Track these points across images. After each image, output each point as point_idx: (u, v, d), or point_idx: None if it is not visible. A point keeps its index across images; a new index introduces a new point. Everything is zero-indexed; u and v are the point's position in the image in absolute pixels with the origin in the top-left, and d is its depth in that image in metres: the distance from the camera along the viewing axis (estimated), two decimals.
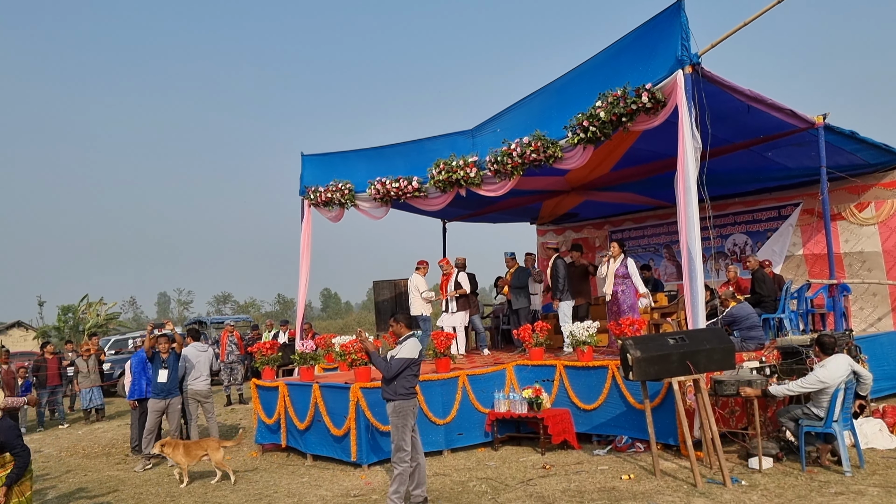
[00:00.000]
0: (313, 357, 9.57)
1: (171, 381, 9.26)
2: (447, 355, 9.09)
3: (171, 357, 9.29)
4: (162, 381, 9.24)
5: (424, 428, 7.84)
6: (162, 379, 9.24)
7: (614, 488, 6.51)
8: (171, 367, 9.25)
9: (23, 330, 43.38)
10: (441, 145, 10.03)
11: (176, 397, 9.31)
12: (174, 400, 9.29)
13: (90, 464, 9.94)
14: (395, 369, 6.16)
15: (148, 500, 7.52)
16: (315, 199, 11.17)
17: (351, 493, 7.12)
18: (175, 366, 9.32)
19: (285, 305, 75.85)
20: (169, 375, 9.23)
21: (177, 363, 9.37)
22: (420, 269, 11.38)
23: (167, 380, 9.23)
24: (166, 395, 9.25)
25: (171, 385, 9.28)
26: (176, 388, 9.35)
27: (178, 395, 9.35)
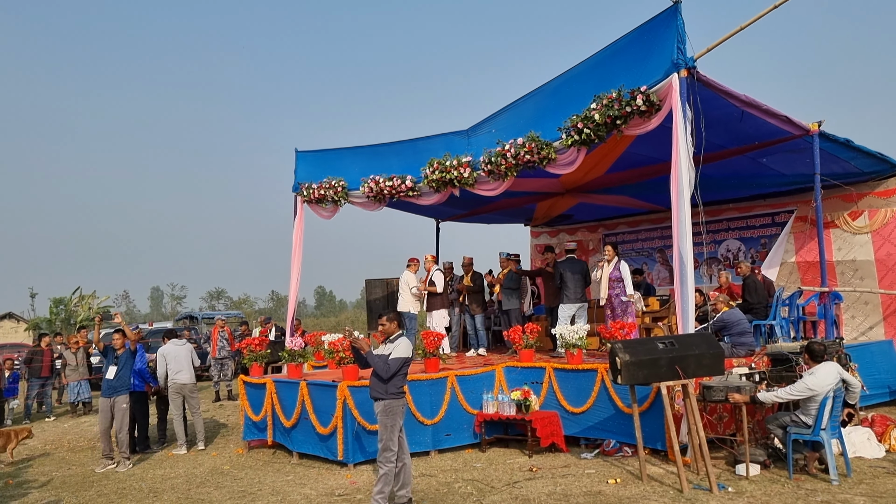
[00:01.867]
0: (302, 354, 9.51)
1: (118, 379, 8.86)
2: (436, 355, 9.04)
3: (125, 353, 8.91)
4: (109, 378, 8.85)
5: (412, 428, 7.78)
6: (109, 375, 8.85)
7: (600, 492, 6.47)
8: (121, 363, 8.87)
9: (14, 321, 43.13)
10: (436, 145, 9.98)
11: (122, 395, 8.87)
12: (119, 398, 8.85)
13: (75, 457, 9.86)
14: (394, 369, 6.11)
15: (130, 496, 7.45)
16: (308, 195, 11.11)
17: (335, 493, 7.07)
18: (127, 363, 8.94)
19: (279, 302, 75.70)
20: (117, 372, 8.83)
21: (129, 360, 8.99)
22: (411, 265, 11.36)
23: (114, 377, 8.84)
24: (112, 392, 8.85)
25: (119, 383, 8.87)
26: (125, 386, 8.93)
27: (124, 394, 8.89)
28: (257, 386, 9.52)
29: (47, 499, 7.47)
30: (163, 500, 7.21)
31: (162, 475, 8.36)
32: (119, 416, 8.84)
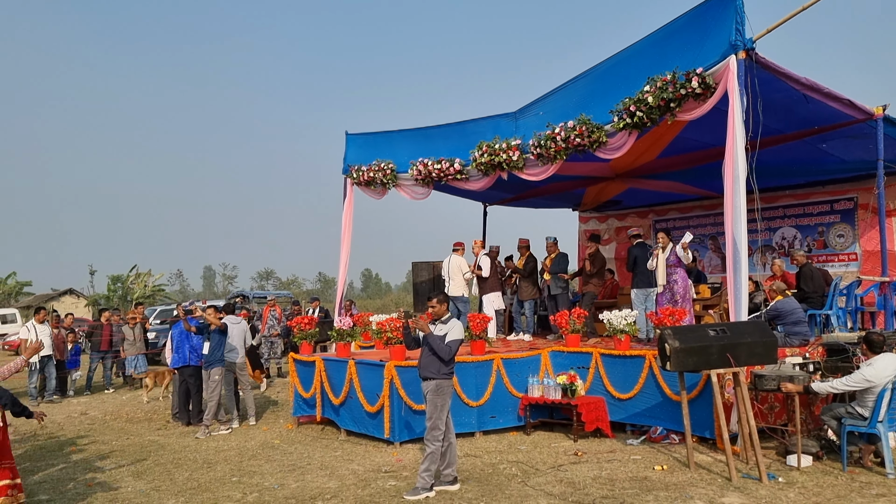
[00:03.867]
0: (350, 334, 9.67)
1: (211, 353, 9.50)
2: (483, 338, 9.09)
3: (216, 330, 9.53)
4: (204, 353, 9.57)
5: (457, 409, 7.85)
6: (204, 350, 9.56)
7: (646, 478, 6.44)
8: (214, 340, 9.51)
9: (74, 297, 44.88)
10: (484, 127, 9.96)
11: (215, 368, 9.50)
12: (213, 370, 9.48)
13: (133, 428, 10.26)
14: (454, 351, 6.22)
15: (185, 465, 7.73)
16: (358, 178, 11.22)
17: (382, 469, 7.20)
18: (221, 340, 9.57)
19: (326, 284, 76.85)
20: (211, 347, 9.50)
21: (221, 337, 9.59)
22: (458, 250, 11.39)
23: (208, 351, 9.51)
24: (206, 365, 9.52)
25: (212, 357, 9.50)
26: (217, 360, 9.54)
27: (217, 367, 9.53)
28: (307, 363, 9.73)
29: (108, 465, 7.80)
30: (216, 470, 7.46)
31: (215, 447, 8.64)
32: (211, 387, 9.43)
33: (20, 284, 46.85)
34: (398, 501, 6.02)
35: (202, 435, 9.27)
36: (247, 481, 6.95)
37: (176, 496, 6.48)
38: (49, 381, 13.15)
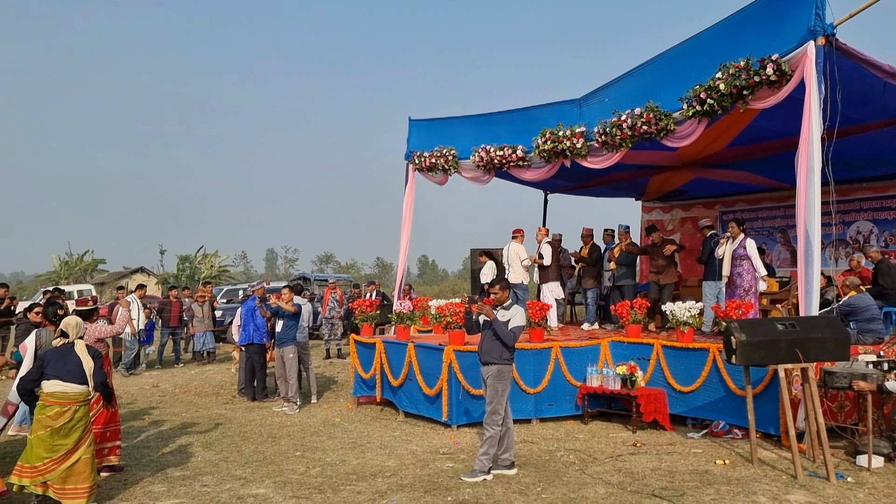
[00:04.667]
0: (410, 317, 9.80)
1: (284, 332, 9.81)
2: (542, 326, 9.08)
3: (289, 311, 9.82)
4: (277, 331, 9.87)
5: (514, 396, 7.87)
6: (278, 329, 9.86)
7: (708, 472, 6.35)
8: (287, 319, 9.80)
9: (145, 276, 46.68)
10: (547, 114, 9.88)
11: (288, 346, 9.78)
12: (286, 349, 9.76)
13: (201, 401, 10.68)
14: (518, 337, 6.29)
15: (251, 438, 8.02)
16: (420, 163, 11.31)
17: (440, 451, 7.31)
18: (292, 320, 9.84)
19: (384, 269, 77.68)
20: (284, 326, 9.81)
21: (294, 317, 9.85)
22: (517, 237, 11.37)
23: (281, 330, 9.81)
24: (280, 344, 9.81)
25: (285, 336, 9.81)
26: (290, 339, 9.83)
27: (290, 345, 9.81)
28: (367, 345, 9.92)
29: (179, 436, 8.16)
30: (280, 444, 7.72)
31: (279, 423, 8.93)
32: (287, 365, 9.71)
33: (95, 262, 49.02)
34: (456, 482, 6.11)
35: (290, 411, 9.56)
36: (310, 456, 7.17)
37: (243, 467, 6.74)
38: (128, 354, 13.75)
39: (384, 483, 6.14)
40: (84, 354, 5.52)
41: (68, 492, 5.33)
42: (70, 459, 5.36)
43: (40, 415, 5.40)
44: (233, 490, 5.98)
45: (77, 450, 5.39)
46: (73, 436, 5.39)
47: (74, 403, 5.42)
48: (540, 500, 5.63)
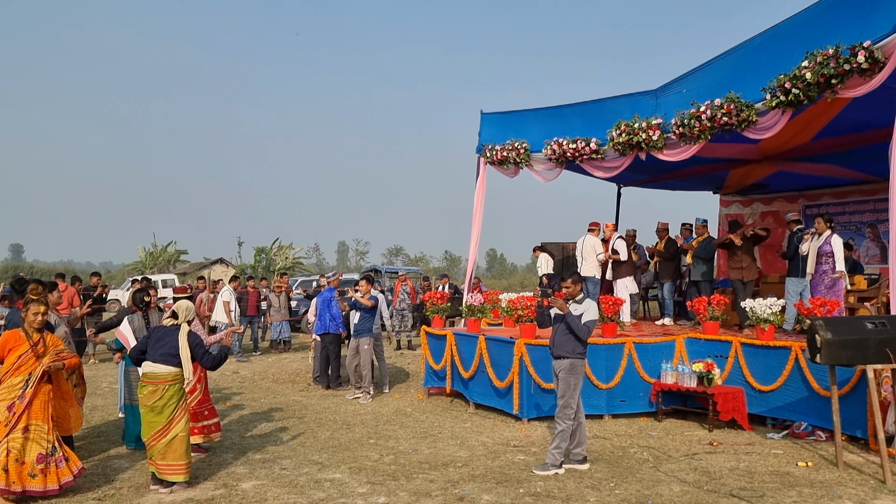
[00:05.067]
0: (481, 310, 9.85)
1: (360, 323, 10.01)
2: (614, 321, 8.97)
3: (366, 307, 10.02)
4: (354, 322, 10.09)
5: (586, 391, 7.81)
6: (354, 320, 10.08)
7: (789, 473, 6.15)
8: (363, 311, 10.00)
9: (224, 266, 48.50)
10: (622, 106, 9.70)
11: (364, 337, 9.96)
12: (362, 339, 9.95)
13: (278, 388, 11.05)
14: (591, 331, 6.29)
15: (327, 425, 8.26)
16: (491, 157, 11.30)
17: (511, 443, 7.35)
18: (369, 311, 10.01)
19: (452, 262, 78.02)
20: (360, 317, 10.00)
21: (370, 309, 10.01)
22: (594, 230, 11.25)
23: (357, 321, 10.02)
24: (356, 334, 10.02)
25: (362, 326, 9.99)
26: (366, 329, 10.01)
27: (366, 336, 9.98)
28: (438, 337, 10.03)
29: (259, 420, 8.48)
30: (354, 431, 7.92)
31: (353, 411, 9.16)
32: (362, 355, 9.93)
33: (178, 252, 51.25)
34: (527, 475, 6.14)
35: (364, 400, 9.78)
36: (383, 444, 7.33)
37: (320, 452, 6.96)
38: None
39: (456, 473, 6.22)
40: (184, 339, 5.83)
41: (169, 467, 5.68)
42: (167, 436, 5.69)
43: (140, 394, 5.81)
44: (310, 474, 6.19)
45: (171, 427, 5.71)
46: (165, 413, 5.71)
47: (164, 383, 5.74)
48: (613, 495, 5.59)
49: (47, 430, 5.42)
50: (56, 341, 5.74)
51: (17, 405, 5.34)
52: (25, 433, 5.33)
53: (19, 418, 5.32)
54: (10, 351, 5.44)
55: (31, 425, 5.36)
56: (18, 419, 5.31)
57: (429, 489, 5.74)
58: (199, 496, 5.57)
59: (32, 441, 5.34)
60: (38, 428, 5.38)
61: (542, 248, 15.13)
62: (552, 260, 14.97)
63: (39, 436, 5.37)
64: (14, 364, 5.41)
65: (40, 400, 5.45)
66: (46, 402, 5.48)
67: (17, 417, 5.31)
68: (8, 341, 5.47)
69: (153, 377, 5.77)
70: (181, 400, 5.85)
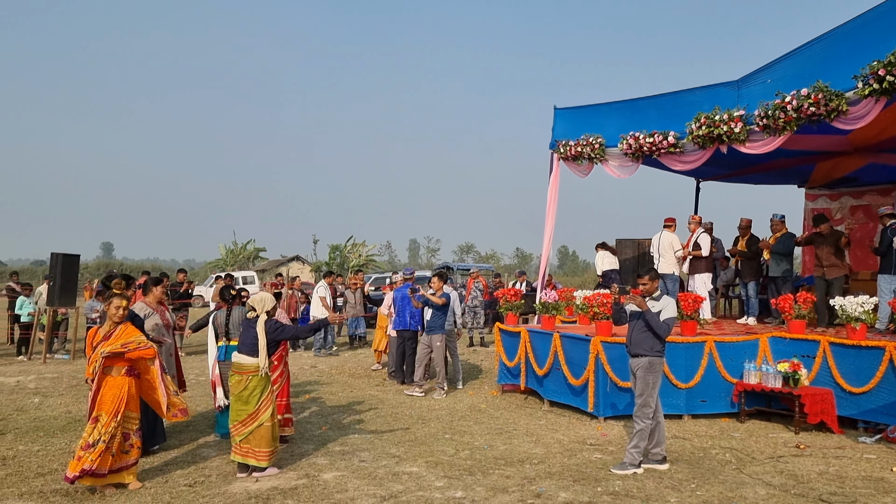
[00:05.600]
0: (555, 307, 9.78)
1: (433, 320, 10.14)
2: (694, 318, 8.75)
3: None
4: (427, 319, 10.24)
5: (664, 390, 7.66)
6: (427, 317, 10.22)
7: (883, 479, 5.87)
8: (435, 308, 10.12)
9: (300, 263, 49.84)
10: (701, 97, 9.43)
11: (436, 334, 10.09)
12: (434, 336, 10.09)
13: (355, 382, 11.30)
14: (671, 329, 6.18)
15: (402, 419, 8.40)
16: (565, 152, 11.19)
17: (587, 442, 7.28)
18: (441, 308, 10.10)
19: (523, 259, 77.63)
20: (433, 314, 10.14)
21: (443, 307, 10.10)
22: (670, 226, 10.99)
23: (430, 317, 10.15)
24: (428, 331, 10.16)
25: (434, 324, 10.13)
26: (439, 327, 10.13)
27: (438, 333, 10.11)
28: (512, 334, 10.03)
29: (337, 414, 8.70)
30: (430, 426, 8.02)
31: (428, 406, 9.27)
32: (435, 352, 10.09)
33: (257, 250, 53.03)
34: (605, 474, 6.08)
35: (438, 395, 9.91)
36: (458, 439, 7.40)
37: (397, 446, 7.09)
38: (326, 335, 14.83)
39: (532, 470, 6.22)
40: (261, 329, 6.06)
41: (253, 452, 5.94)
42: (252, 425, 5.95)
43: (229, 383, 6.12)
44: (388, 467, 6.31)
45: (257, 416, 5.96)
46: (251, 402, 5.98)
47: (248, 374, 6.01)
48: (694, 497, 5.47)
49: (105, 422, 5.56)
50: (130, 333, 5.83)
51: (90, 395, 5.67)
52: (94, 423, 5.57)
53: (92, 408, 5.61)
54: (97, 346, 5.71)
55: (100, 416, 5.57)
56: (92, 409, 5.61)
57: (505, 485, 5.77)
58: (283, 485, 5.78)
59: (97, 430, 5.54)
60: (102, 419, 5.57)
61: (603, 246, 14.88)
62: (613, 257, 14.70)
63: (98, 428, 5.55)
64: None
65: (112, 392, 5.64)
66: (119, 396, 5.64)
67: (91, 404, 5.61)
68: (95, 337, 5.78)
69: (238, 367, 6.05)
70: (265, 390, 6.08)
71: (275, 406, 6.20)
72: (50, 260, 13.41)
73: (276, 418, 6.18)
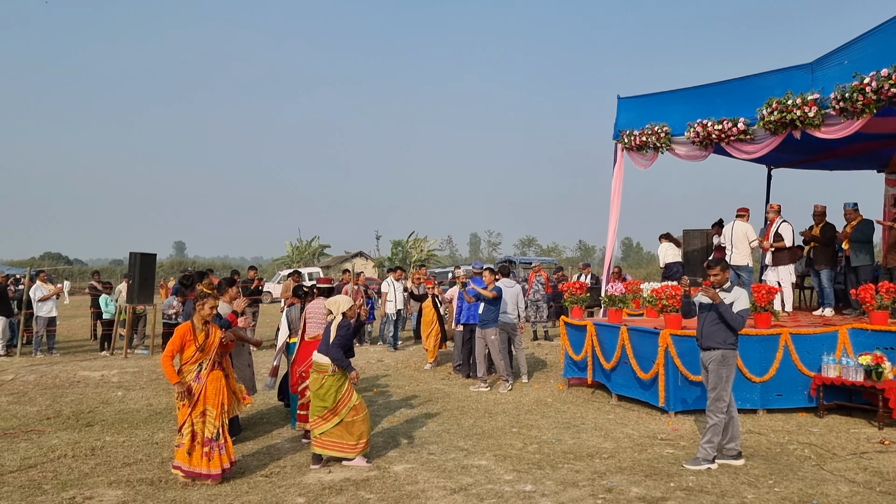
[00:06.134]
0: (622, 300, 9.64)
1: (485, 314, 10.11)
2: (768, 310, 8.48)
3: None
4: (479, 313, 10.22)
5: (738, 384, 7.47)
6: (479, 311, 10.21)
7: None
8: (488, 302, 10.08)
9: (363, 259, 50.56)
10: (772, 82, 9.11)
11: (489, 328, 10.06)
12: (487, 330, 10.07)
13: (420, 376, 11.42)
14: (745, 321, 6.05)
15: (469, 413, 8.45)
16: (629, 142, 11.00)
17: (658, 436, 7.17)
18: (493, 302, 10.07)
19: (586, 251, 76.71)
20: (484, 309, 10.10)
21: (495, 301, 10.08)
22: (743, 215, 10.65)
23: (482, 311, 10.14)
24: (482, 325, 10.17)
25: (487, 317, 10.09)
26: (492, 320, 10.10)
27: (491, 327, 10.07)
28: (578, 327, 9.93)
29: (405, 407, 8.82)
30: (496, 420, 8.05)
31: (494, 400, 9.29)
32: (491, 346, 10.09)
33: (321, 247, 54.13)
34: (678, 469, 5.97)
35: (504, 389, 9.91)
36: (525, 433, 7.39)
37: (464, 439, 7.14)
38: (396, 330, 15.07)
39: (602, 464, 6.17)
40: (334, 331, 6.20)
41: (333, 444, 6.16)
42: (332, 420, 6.13)
43: (310, 380, 6.37)
44: (457, 459, 6.37)
45: (337, 412, 6.13)
46: (328, 399, 6.13)
47: (324, 373, 6.15)
48: (772, 493, 5.32)
49: (216, 415, 5.82)
50: (218, 331, 6.09)
51: (195, 386, 5.84)
52: (203, 417, 5.81)
53: (198, 400, 5.82)
54: (187, 344, 5.90)
55: (206, 410, 5.83)
56: (197, 401, 5.82)
57: (575, 479, 5.74)
58: (355, 476, 5.90)
59: (206, 424, 5.80)
60: (209, 413, 5.83)
61: (667, 237, 14.53)
62: (677, 249, 14.33)
63: (210, 420, 5.81)
64: (191, 358, 5.88)
65: (213, 386, 5.89)
66: (219, 389, 5.91)
67: (196, 399, 5.83)
68: (185, 334, 5.94)
69: (317, 366, 6.24)
70: (342, 388, 6.20)
71: (359, 402, 6.30)
72: (129, 259, 14.00)
73: (362, 412, 6.27)
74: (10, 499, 5.40)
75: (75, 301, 32.52)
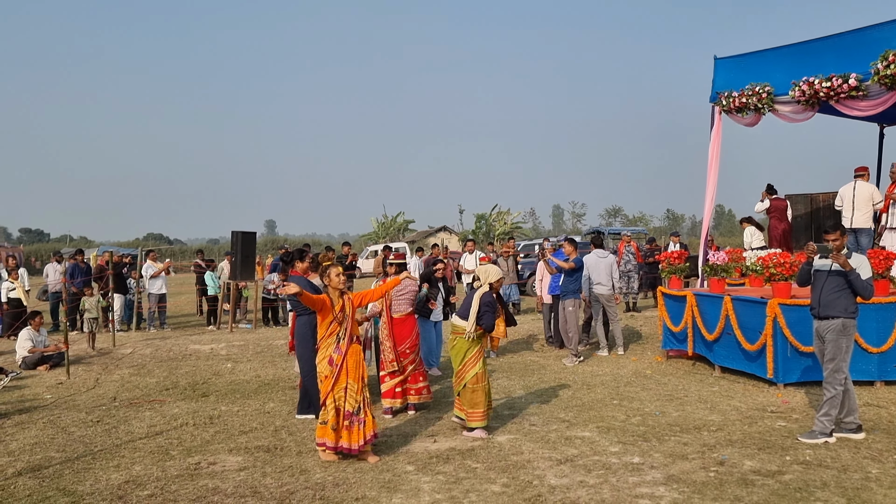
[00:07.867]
0: (725, 269, 9.31)
1: (564, 285, 10.10)
2: (886, 277, 8.00)
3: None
4: (559, 284, 10.19)
5: (854, 355, 7.06)
6: (560, 282, 10.18)
7: None
8: (567, 274, 10.06)
9: (447, 233, 50.94)
10: (889, 33, 8.46)
11: (568, 299, 10.01)
12: (566, 301, 10.05)
13: (513, 348, 11.44)
14: (873, 288, 5.82)
15: (567, 385, 8.41)
16: (728, 104, 10.52)
17: (768, 409, 6.94)
18: (573, 274, 10.04)
19: (674, 221, 74.51)
20: (563, 280, 10.11)
21: (575, 273, 10.03)
22: (863, 175, 10.04)
23: (561, 283, 10.13)
24: (562, 296, 10.12)
25: (566, 288, 10.09)
26: (571, 291, 10.05)
27: (570, 298, 10.00)
28: (676, 298, 9.69)
29: (500, 377, 8.87)
30: (595, 392, 7.99)
31: (591, 372, 9.23)
32: (567, 317, 10.08)
33: (406, 222, 54.87)
34: (792, 442, 5.77)
35: (569, 363, 9.84)
36: (627, 405, 7.31)
37: (565, 411, 7.14)
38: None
39: (711, 437, 6.04)
40: (477, 299, 6.37)
41: (462, 408, 6.37)
42: (460, 382, 6.35)
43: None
44: (559, 431, 6.38)
45: (462, 375, 6.34)
46: (457, 359, 6.41)
47: (457, 335, 6.42)
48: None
49: (357, 389, 5.79)
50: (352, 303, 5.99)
51: (336, 357, 5.78)
52: (344, 392, 5.76)
53: (339, 374, 5.75)
54: (325, 313, 5.80)
55: (347, 385, 5.77)
56: (339, 374, 5.75)
57: (684, 452, 5.64)
58: (460, 446, 6.01)
59: (348, 399, 5.76)
60: (351, 387, 5.79)
61: (749, 221, 13.91)
62: (760, 233, 13.74)
63: (351, 395, 5.78)
64: (327, 331, 5.83)
65: (353, 359, 5.84)
66: (359, 362, 5.89)
67: (338, 370, 5.74)
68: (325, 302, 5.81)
69: (454, 328, 6.52)
70: (468, 353, 6.34)
71: (482, 371, 6.36)
72: (231, 237, 14.60)
73: (482, 382, 6.33)
74: (143, 463, 5.81)
75: (178, 278, 34.36)
